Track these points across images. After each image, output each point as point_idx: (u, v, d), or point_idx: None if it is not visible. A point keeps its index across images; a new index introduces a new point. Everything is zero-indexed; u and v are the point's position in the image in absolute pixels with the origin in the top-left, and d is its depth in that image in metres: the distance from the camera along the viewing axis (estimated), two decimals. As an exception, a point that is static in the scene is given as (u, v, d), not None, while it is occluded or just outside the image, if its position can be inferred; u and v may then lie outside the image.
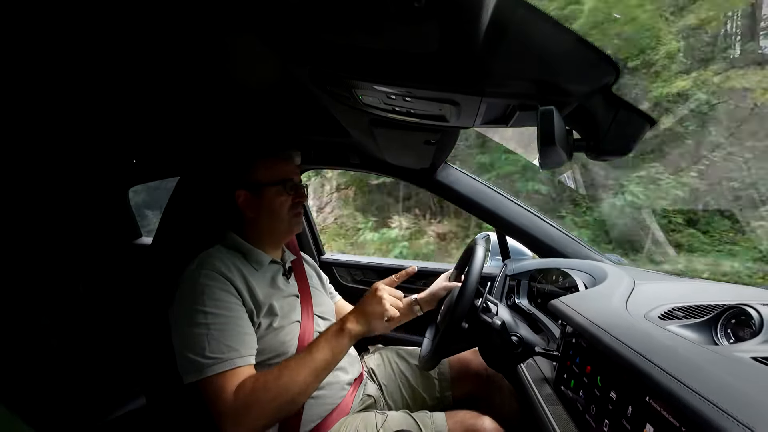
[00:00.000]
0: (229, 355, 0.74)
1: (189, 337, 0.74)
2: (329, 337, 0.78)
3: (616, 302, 0.72)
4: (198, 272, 0.80)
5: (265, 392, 0.71)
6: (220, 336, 0.75)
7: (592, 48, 0.49)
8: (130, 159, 1.62)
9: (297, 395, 0.73)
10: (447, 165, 1.30)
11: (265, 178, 0.92)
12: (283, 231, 0.96)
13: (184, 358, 0.74)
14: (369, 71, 0.58)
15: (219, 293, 0.79)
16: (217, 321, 0.76)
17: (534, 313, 1.04)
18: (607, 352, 0.55)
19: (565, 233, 1.23)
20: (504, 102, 0.63)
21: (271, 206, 0.92)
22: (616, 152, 0.61)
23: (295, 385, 0.72)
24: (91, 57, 0.73)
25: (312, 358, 0.75)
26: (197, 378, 0.73)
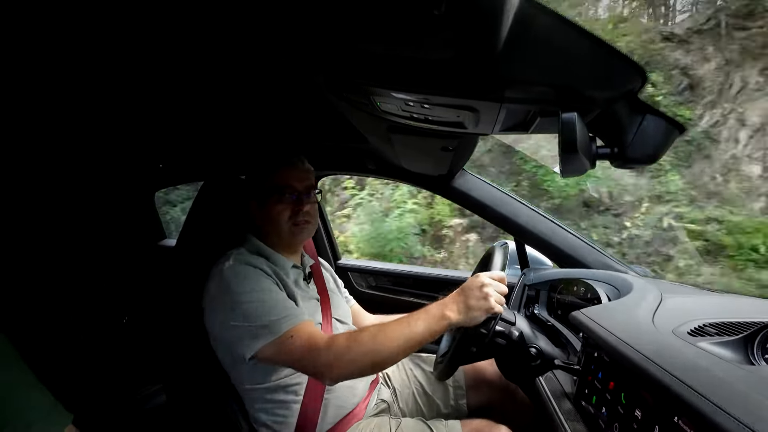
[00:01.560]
0: (293, 311, 0.79)
1: (245, 313, 0.77)
2: (429, 317, 0.75)
3: (643, 316, 0.69)
4: (235, 266, 0.84)
5: (360, 346, 0.73)
6: (275, 303, 0.79)
7: (616, 53, 0.47)
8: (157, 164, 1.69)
9: (387, 358, 0.74)
10: (464, 172, 1.28)
11: (266, 188, 0.93)
12: (286, 239, 0.95)
13: (248, 330, 0.77)
14: (387, 78, 0.58)
15: (256, 277, 0.83)
16: (264, 295, 0.80)
17: (554, 324, 1.01)
18: (633, 368, 0.53)
19: (586, 242, 1.19)
20: (524, 108, 0.62)
21: (270, 215, 0.92)
22: (643, 160, 0.58)
23: (387, 349, 0.73)
24: (123, 70, 0.77)
25: (410, 329, 0.74)
26: (274, 337, 0.76)
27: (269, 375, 0.85)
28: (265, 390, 0.86)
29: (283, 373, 0.86)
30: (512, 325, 0.81)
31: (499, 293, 0.76)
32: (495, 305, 0.74)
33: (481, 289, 0.75)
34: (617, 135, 0.59)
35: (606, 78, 0.52)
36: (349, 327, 1.06)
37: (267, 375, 0.85)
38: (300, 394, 0.87)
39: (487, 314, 0.74)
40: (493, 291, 0.75)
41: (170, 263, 1.06)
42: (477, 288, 0.75)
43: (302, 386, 0.87)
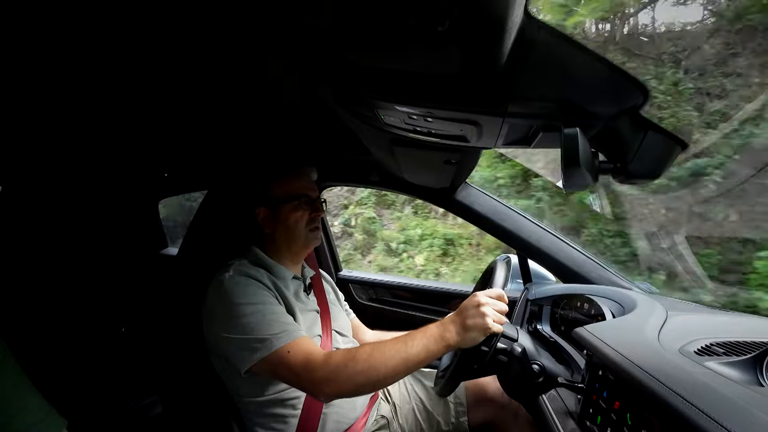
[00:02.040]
0: (291, 327, 0.79)
1: (242, 324, 0.77)
2: (428, 339, 0.74)
3: (648, 334, 0.67)
4: (236, 277, 0.84)
5: (356, 364, 0.72)
6: (274, 317, 0.79)
7: (618, 70, 0.48)
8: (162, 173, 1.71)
9: (383, 378, 0.72)
10: (467, 185, 1.29)
11: (281, 195, 0.95)
12: (300, 245, 0.98)
13: (245, 343, 0.77)
14: (391, 92, 0.59)
15: (255, 290, 0.83)
16: (264, 308, 0.80)
17: (557, 340, 0.99)
18: (639, 388, 0.51)
19: (590, 257, 1.18)
20: (526, 123, 0.62)
21: (287, 222, 0.94)
22: (645, 176, 0.58)
23: (384, 368, 0.72)
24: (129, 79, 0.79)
25: (406, 350, 0.73)
26: (270, 351, 0.75)
27: (267, 388, 0.84)
28: (263, 403, 0.85)
29: (282, 386, 0.85)
30: (514, 342, 0.79)
31: (497, 311, 0.75)
32: (492, 325, 0.72)
33: (478, 309, 0.73)
34: (619, 150, 0.59)
35: (608, 94, 0.53)
36: (349, 339, 1.05)
37: (265, 388, 0.84)
38: (298, 408, 0.85)
39: (485, 334, 0.73)
40: (491, 310, 0.73)
41: (172, 272, 1.06)
42: (474, 308, 0.74)
43: (300, 400, 0.86)
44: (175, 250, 2.18)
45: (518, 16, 0.39)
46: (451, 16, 0.37)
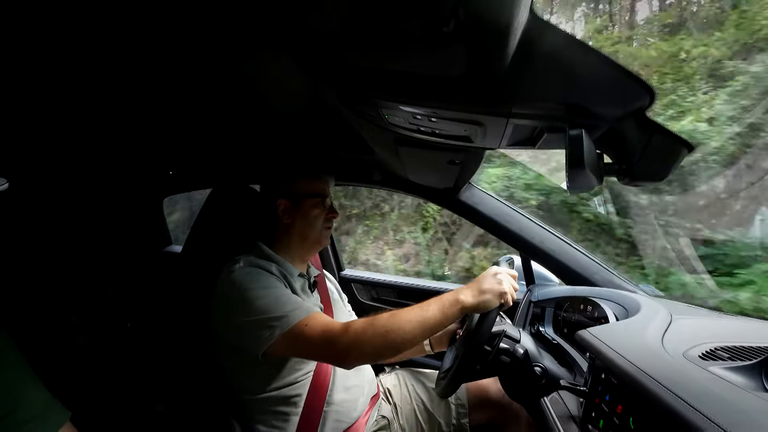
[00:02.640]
0: (305, 304, 0.81)
1: (259, 307, 0.79)
2: (443, 302, 0.77)
3: (651, 337, 0.67)
4: (246, 268, 0.86)
5: (375, 328, 0.74)
6: (287, 297, 0.82)
7: (623, 71, 0.48)
8: (167, 170, 1.72)
9: (402, 341, 0.74)
10: (471, 185, 1.28)
11: (306, 190, 1.01)
12: (312, 241, 1.01)
13: (262, 323, 0.78)
14: (396, 92, 0.59)
15: (266, 276, 0.86)
16: (276, 291, 0.83)
17: (560, 343, 0.99)
18: (642, 392, 0.51)
19: (593, 260, 1.17)
20: (531, 124, 0.62)
21: (307, 216, 0.99)
22: (651, 177, 0.58)
23: (402, 331, 0.74)
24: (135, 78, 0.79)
25: (422, 314, 0.75)
26: (290, 326, 0.77)
27: (271, 384, 0.85)
28: (265, 400, 0.85)
29: (284, 382, 0.85)
30: (517, 343, 0.79)
31: (511, 282, 0.78)
32: (508, 289, 0.76)
33: (495, 276, 0.77)
34: (625, 152, 0.59)
35: (613, 96, 0.53)
36: None
37: (269, 384, 0.85)
38: (300, 406, 0.86)
39: (499, 299, 0.75)
40: (506, 279, 0.77)
41: (176, 269, 1.07)
42: (490, 275, 0.78)
43: (302, 398, 0.86)
44: (178, 248, 2.19)
45: (523, 17, 0.39)
46: (457, 17, 0.37)
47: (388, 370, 1.19)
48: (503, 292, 0.75)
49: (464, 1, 0.35)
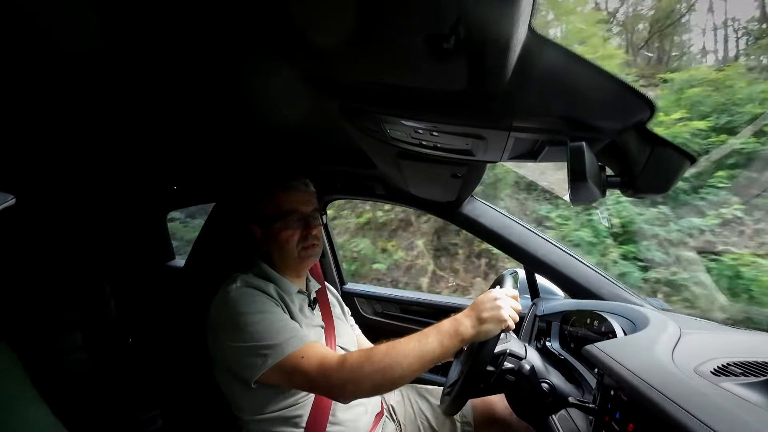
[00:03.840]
0: (300, 333, 0.78)
1: (250, 332, 0.77)
2: (442, 334, 0.74)
3: (661, 352, 0.65)
4: (243, 289, 0.84)
5: (372, 364, 0.71)
6: (283, 324, 0.79)
7: (623, 85, 0.48)
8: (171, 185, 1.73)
9: (400, 375, 0.71)
10: (473, 198, 1.29)
11: (270, 212, 0.92)
12: (295, 263, 0.95)
13: (254, 350, 0.76)
14: (397, 107, 0.60)
15: (262, 299, 0.83)
16: (272, 316, 0.80)
17: (567, 358, 0.96)
18: (654, 410, 0.50)
19: (599, 273, 1.16)
20: (532, 137, 0.63)
21: (277, 240, 0.92)
22: (653, 190, 0.58)
23: (399, 366, 0.71)
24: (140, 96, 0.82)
25: (420, 346, 0.73)
26: (283, 356, 0.74)
27: (270, 405, 0.83)
28: (265, 421, 0.83)
29: (284, 404, 0.83)
30: (522, 359, 0.77)
31: (512, 308, 0.75)
32: (508, 318, 0.73)
33: (494, 302, 0.74)
34: (627, 165, 0.59)
35: (614, 109, 0.53)
36: None
37: (268, 405, 0.83)
38: (301, 426, 0.84)
39: (500, 326, 0.72)
40: (506, 304, 0.74)
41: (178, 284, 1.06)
42: (489, 301, 0.74)
43: (303, 419, 0.84)
44: (181, 262, 2.19)
45: (522, 33, 0.39)
46: (457, 34, 0.38)
47: None
48: (503, 319, 0.72)
49: (464, 19, 0.36)
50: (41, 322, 1.25)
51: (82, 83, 0.77)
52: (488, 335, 0.73)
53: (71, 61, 0.68)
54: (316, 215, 0.97)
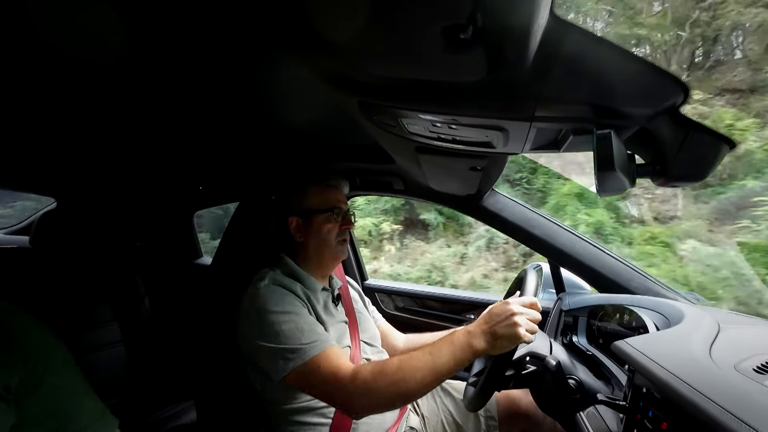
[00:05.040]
0: (323, 337, 0.80)
1: (276, 333, 0.79)
2: (455, 347, 0.72)
3: (698, 348, 0.62)
4: (270, 287, 0.86)
5: (385, 378, 0.72)
6: (308, 327, 0.80)
7: (653, 68, 0.46)
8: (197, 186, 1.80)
9: (413, 390, 0.72)
10: (494, 191, 1.26)
11: (314, 205, 0.97)
12: (329, 257, 0.99)
13: (279, 352, 0.78)
14: (415, 101, 0.60)
15: (290, 299, 0.85)
16: (298, 318, 0.81)
17: (594, 354, 0.94)
18: (690, 409, 0.47)
19: (628, 265, 1.11)
20: (556, 127, 0.60)
21: (319, 232, 0.96)
22: (688, 178, 0.55)
23: (413, 380, 0.71)
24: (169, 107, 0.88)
25: (433, 360, 0.72)
26: (303, 361, 0.76)
27: (298, 396, 0.85)
28: (294, 411, 0.85)
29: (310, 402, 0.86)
30: (544, 359, 0.75)
31: (530, 320, 0.71)
32: (525, 335, 0.69)
33: (510, 318, 0.70)
34: (659, 152, 0.56)
35: (643, 94, 0.50)
36: (378, 349, 1.04)
37: (296, 396, 0.85)
38: (329, 417, 0.86)
39: (516, 344, 0.70)
40: (523, 319, 0.70)
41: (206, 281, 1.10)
42: (505, 316, 0.71)
43: (332, 409, 0.86)
44: (208, 260, 2.27)
45: (543, 18, 0.38)
46: (474, 23, 0.37)
47: None
48: (519, 336, 0.68)
49: (482, 8, 0.35)
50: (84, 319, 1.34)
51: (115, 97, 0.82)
52: (503, 351, 0.70)
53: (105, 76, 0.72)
54: (351, 214, 1.03)
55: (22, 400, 0.48)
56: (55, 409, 0.51)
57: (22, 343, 0.50)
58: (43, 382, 0.50)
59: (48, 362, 0.51)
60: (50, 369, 0.51)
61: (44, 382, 0.50)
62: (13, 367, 0.48)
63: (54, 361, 0.52)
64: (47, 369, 0.51)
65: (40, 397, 0.49)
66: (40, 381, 0.50)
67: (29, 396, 0.49)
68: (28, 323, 0.52)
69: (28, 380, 0.49)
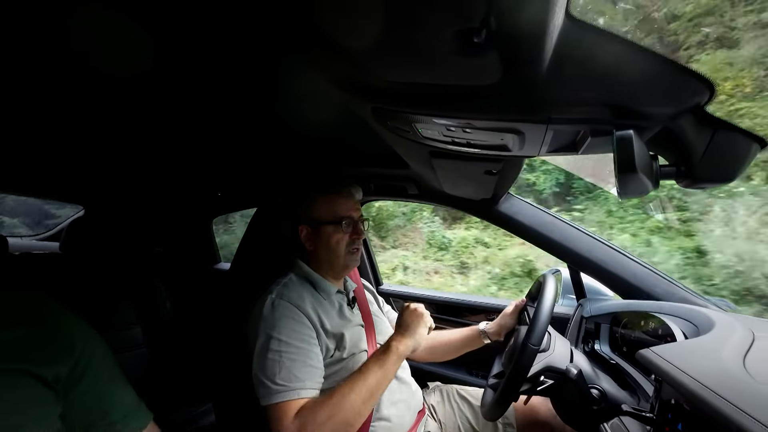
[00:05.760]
0: (295, 384, 0.77)
1: (263, 360, 0.79)
2: (378, 357, 0.80)
3: (730, 358, 0.59)
4: (276, 302, 0.85)
5: (320, 411, 0.73)
6: (291, 366, 0.78)
7: (675, 66, 0.44)
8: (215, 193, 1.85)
9: (351, 414, 0.74)
10: (510, 195, 1.24)
11: (323, 216, 0.96)
12: (339, 266, 0.98)
13: (258, 379, 0.79)
14: (428, 106, 0.59)
15: (293, 324, 0.83)
16: (290, 350, 0.79)
17: (618, 363, 0.90)
18: (725, 423, 0.45)
19: (653, 270, 1.07)
20: (573, 128, 0.59)
21: (328, 243, 0.95)
22: (716, 179, 0.53)
23: (348, 404, 0.73)
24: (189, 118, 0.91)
25: (363, 377, 0.76)
26: (266, 403, 0.76)
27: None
28: None
29: None
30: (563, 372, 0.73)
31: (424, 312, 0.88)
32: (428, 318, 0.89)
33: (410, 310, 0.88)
34: (683, 152, 0.54)
35: (665, 93, 0.49)
36: None
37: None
38: None
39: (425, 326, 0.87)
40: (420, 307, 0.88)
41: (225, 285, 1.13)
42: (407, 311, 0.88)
43: None
44: (226, 265, 2.32)
45: (559, 19, 0.37)
46: (488, 26, 0.37)
47: (431, 387, 1.16)
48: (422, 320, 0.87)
49: (495, 11, 0.35)
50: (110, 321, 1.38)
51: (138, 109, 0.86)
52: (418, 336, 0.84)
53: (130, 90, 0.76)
54: (362, 222, 1.00)
55: (69, 390, 0.50)
56: (98, 399, 0.53)
57: (69, 335, 0.52)
58: (87, 372, 0.52)
59: (92, 353, 0.54)
60: (93, 360, 0.53)
61: (88, 372, 0.52)
62: (63, 358, 0.50)
63: (96, 353, 0.54)
64: (90, 360, 0.53)
65: (84, 387, 0.52)
66: (84, 371, 0.52)
67: (75, 386, 0.51)
68: (70, 316, 0.54)
69: (74, 371, 0.51)
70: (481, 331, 1.07)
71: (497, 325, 1.05)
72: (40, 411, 0.47)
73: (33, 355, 0.48)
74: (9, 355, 0.46)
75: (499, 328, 1.04)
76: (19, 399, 0.45)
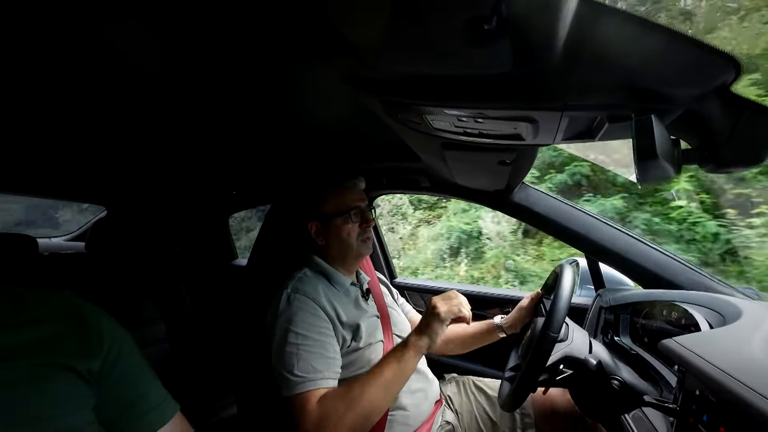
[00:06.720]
0: (314, 375, 0.79)
1: (281, 353, 0.81)
2: (396, 353, 0.81)
3: (760, 348, 0.57)
4: (292, 296, 0.87)
5: (340, 402, 0.75)
6: (309, 357, 0.80)
7: (698, 45, 0.42)
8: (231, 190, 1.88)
9: (370, 406, 0.75)
10: (525, 185, 1.22)
11: (331, 210, 0.98)
12: (353, 256, 1.00)
13: (277, 372, 0.81)
14: (438, 97, 0.59)
15: (310, 317, 0.85)
16: (307, 343, 0.81)
17: (639, 353, 0.88)
18: (753, 414, 0.43)
19: (675, 258, 1.03)
20: (589, 115, 0.57)
21: (339, 235, 0.97)
22: (743, 162, 0.50)
23: (366, 396, 0.75)
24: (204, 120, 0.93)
25: (381, 372, 0.78)
26: (287, 394, 0.79)
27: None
28: None
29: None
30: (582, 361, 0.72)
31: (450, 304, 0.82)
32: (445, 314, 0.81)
33: (431, 306, 0.83)
34: (708, 135, 0.52)
35: (687, 74, 0.47)
36: None
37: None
38: None
39: (445, 321, 0.81)
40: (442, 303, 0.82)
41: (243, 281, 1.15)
42: (429, 308, 0.83)
43: None
44: (244, 261, 2.37)
45: (572, 2, 0.36)
46: (499, 13, 0.36)
47: (447, 378, 1.17)
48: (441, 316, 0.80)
49: None
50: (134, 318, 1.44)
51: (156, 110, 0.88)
52: (435, 331, 0.80)
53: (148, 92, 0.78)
54: (370, 211, 1.03)
55: (101, 383, 0.53)
56: (128, 391, 0.56)
57: (98, 330, 0.54)
58: (117, 366, 0.55)
59: (120, 348, 0.56)
60: (122, 354, 0.56)
61: (118, 366, 0.55)
62: (94, 352, 0.52)
63: (125, 348, 0.57)
64: (120, 354, 0.55)
65: (114, 380, 0.54)
66: (114, 365, 0.54)
67: (106, 379, 0.53)
68: (98, 312, 0.57)
69: (104, 364, 0.53)
70: (496, 325, 1.07)
71: (513, 318, 1.04)
72: (75, 403, 0.49)
73: (67, 350, 0.50)
74: (44, 350, 0.49)
75: (515, 321, 1.04)
76: (56, 393, 0.48)
